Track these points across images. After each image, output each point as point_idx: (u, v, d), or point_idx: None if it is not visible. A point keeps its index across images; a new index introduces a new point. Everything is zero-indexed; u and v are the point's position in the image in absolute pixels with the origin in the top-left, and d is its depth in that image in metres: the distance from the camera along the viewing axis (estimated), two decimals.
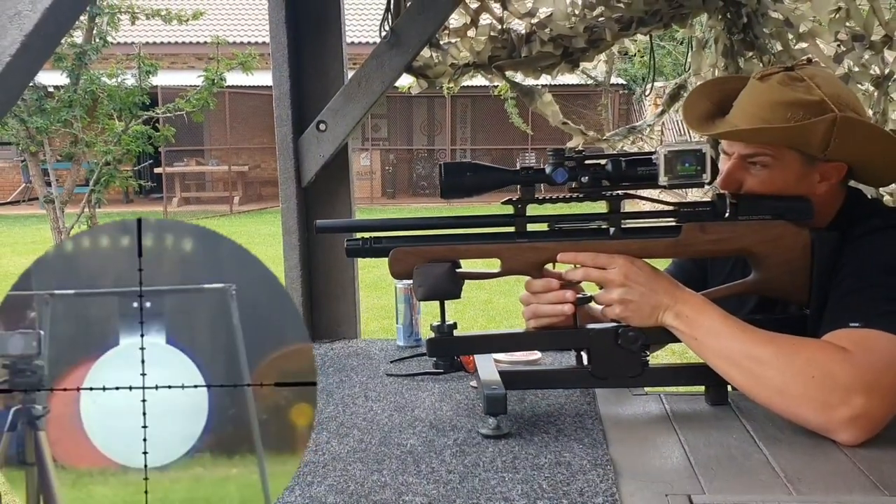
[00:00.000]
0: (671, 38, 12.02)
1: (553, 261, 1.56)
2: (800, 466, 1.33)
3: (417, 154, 20.95)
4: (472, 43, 2.76)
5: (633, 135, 3.77)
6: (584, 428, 1.51)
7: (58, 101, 7.51)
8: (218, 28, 15.71)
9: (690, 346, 1.51)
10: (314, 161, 2.41)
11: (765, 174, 1.59)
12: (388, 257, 1.54)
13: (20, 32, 0.92)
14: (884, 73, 2.40)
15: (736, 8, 2.66)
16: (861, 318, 1.42)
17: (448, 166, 1.52)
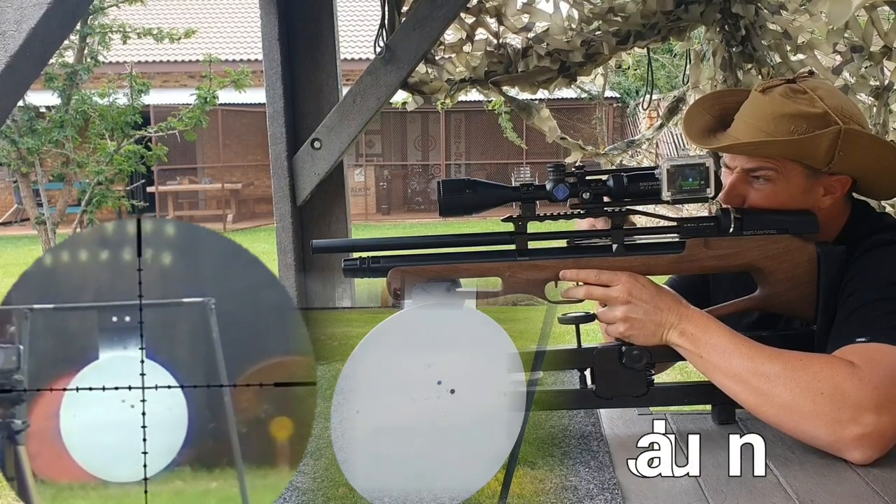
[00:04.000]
0: (665, 52, 12.05)
1: (555, 279, 1.53)
2: (812, 487, 1.29)
3: (412, 170, 20.94)
4: (468, 58, 2.75)
5: (632, 148, 3.76)
6: (590, 450, 1.48)
7: (49, 122, 7.50)
8: (210, 46, 15.70)
9: (696, 365, 1.48)
10: (309, 179, 2.39)
11: (768, 188, 1.57)
12: (386, 277, 1.51)
13: (5, 53, 0.89)
14: (883, 84, 2.39)
15: (734, 20, 2.65)
16: (869, 333, 1.39)
17: (446, 184, 1.50)
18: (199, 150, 19.17)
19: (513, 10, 2.74)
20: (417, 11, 2.46)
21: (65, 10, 0.92)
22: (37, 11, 0.84)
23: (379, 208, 20.00)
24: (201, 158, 19.71)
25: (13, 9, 0.85)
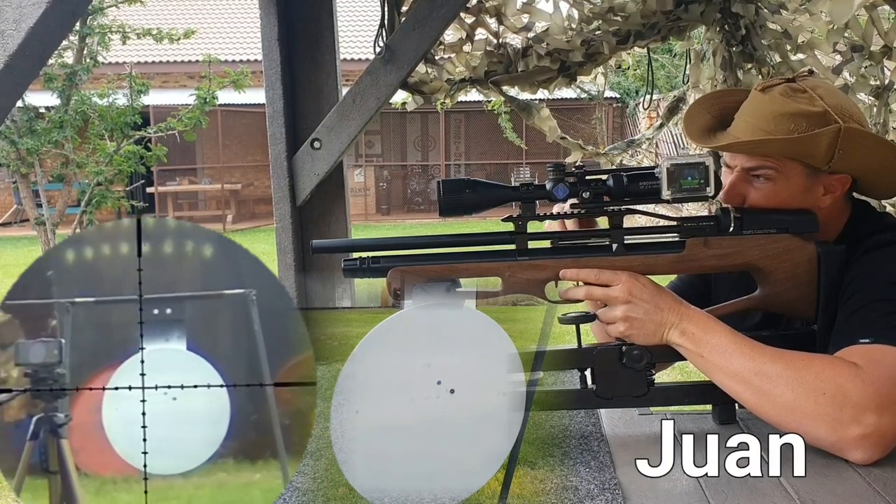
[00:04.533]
0: (664, 51, 12.05)
1: (555, 279, 1.53)
2: (813, 487, 1.29)
3: (411, 170, 20.93)
4: (468, 58, 2.75)
5: (633, 148, 3.75)
6: (591, 450, 1.48)
7: (48, 122, 7.50)
8: (209, 46, 15.70)
9: (696, 364, 1.47)
10: (309, 179, 2.39)
11: (768, 187, 1.57)
12: (386, 277, 1.51)
13: (3, 53, 0.89)
14: (883, 83, 2.39)
15: (734, 20, 2.65)
16: (871, 334, 1.39)
17: (446, 184, 1.49)
18: (199, 150, 19.17)
19: (513, 10, 2.74)
20: (417, 11, 2.46)
21: (64, 10, 0.92)
22: (36, 10, 0.84)
23: (378, 209, 20.00)
24: (201, 159, 19.71)
25: (12, 8, 0.84)
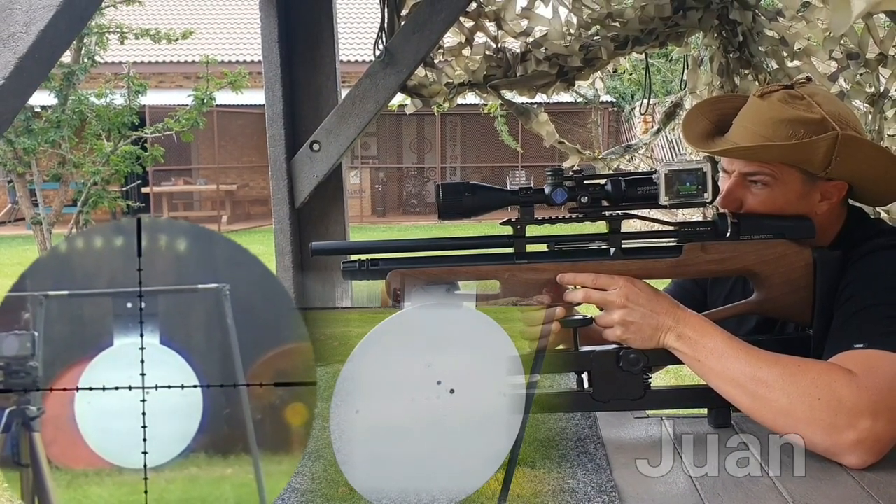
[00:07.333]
0: (660, 57, 12.07)
1: (553, 282, 1.53)
2: (807, 491, 1.30)
3: (407, 172, 20.94)
4: (467, 62, 2.76)
5: (630, 153, 3.77)
6: (587, 453, 1.49)
7: (45, 122, 7.50)
8: (207, 47, 15.69)
9: (693, 368, 1.48)
10: (307, 181, 2.40)
11: (765, 193, 1.58)
12: (384, 279, 1.52)
13: (14, 55, 0.90)
14: (879, 91, 2.40)
15: (731, 26, 2.66)
16: (866, 340, 1.40)
17: (445, 187, 1.50)
18: (195, 151, 19.15)
19: (512, 15, 2.75)
20: (417, 15, 2.47)
21: (73, 13, 0.93)
22: (46, 14, 0.85)
23: (374, 210, 19.99)
24: (196, 159, 19.69)
25: (22, 11, 0.85)
